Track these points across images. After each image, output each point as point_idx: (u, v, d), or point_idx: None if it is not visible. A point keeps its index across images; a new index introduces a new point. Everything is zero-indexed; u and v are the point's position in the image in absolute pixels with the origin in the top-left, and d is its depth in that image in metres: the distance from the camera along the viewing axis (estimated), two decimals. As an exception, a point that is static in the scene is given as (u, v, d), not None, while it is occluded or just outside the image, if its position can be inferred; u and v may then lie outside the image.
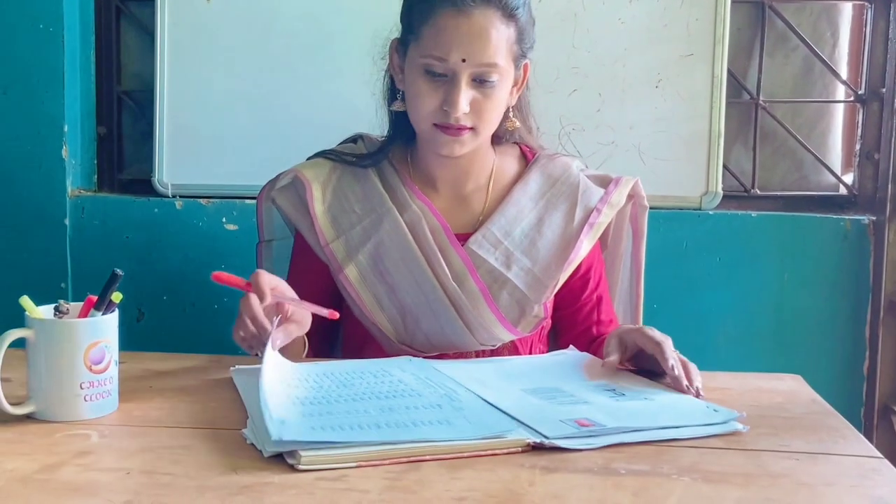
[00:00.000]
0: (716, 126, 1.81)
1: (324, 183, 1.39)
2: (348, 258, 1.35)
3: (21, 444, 0.92)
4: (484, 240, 1.36)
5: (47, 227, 1.86)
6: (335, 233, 1.37)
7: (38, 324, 0.99)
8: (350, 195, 1.39)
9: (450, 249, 1.34)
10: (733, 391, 1.16)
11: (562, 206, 1.40)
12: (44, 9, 1.81)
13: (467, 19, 1.25)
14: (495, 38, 1.25)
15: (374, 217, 1.36)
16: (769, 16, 1.85)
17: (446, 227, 1.35)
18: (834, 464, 0.91)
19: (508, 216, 1.37)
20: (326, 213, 1.37)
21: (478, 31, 1.25)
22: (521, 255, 1.36)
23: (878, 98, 1.84)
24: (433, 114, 1.29)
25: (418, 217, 1.35)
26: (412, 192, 1.38)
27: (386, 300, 1.35)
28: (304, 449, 0.86)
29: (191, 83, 1.87)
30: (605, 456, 0.91)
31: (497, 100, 1.30)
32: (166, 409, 1.04)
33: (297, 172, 1.40)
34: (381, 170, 1.40)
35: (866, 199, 1.86)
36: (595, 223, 1.38)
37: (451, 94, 1.26)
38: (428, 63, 1.27)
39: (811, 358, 1.82)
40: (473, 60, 1.25)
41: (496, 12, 1.26)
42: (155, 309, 1.86)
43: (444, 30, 1.25)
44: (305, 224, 1.38)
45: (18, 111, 1.84)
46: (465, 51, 1.25)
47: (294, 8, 1.85)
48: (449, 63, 1.25)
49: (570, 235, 1.37)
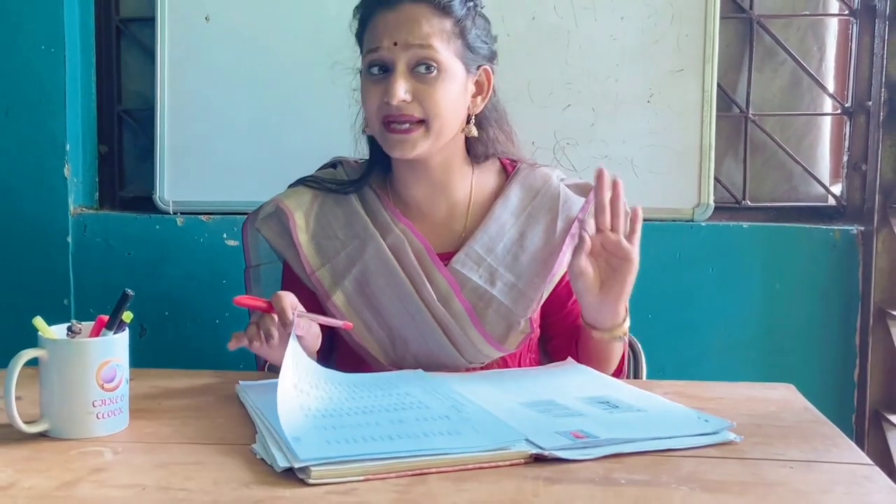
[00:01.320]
0: (707, 139, 1.85)
1: (306, 211, 1.40)
2: (335, 285, 1.36)
3: (37, 462, 0.94)
4: (467, 258, 1.36)
5: (50, 245, 1.88)
6: (320, 261, 1.38)
7: (51, 344, 1.02)
8: (333, 221, 1.40)
9: (434, 271, 1.35)
10: (727, 401, 1.18)
11: (543, 218, 1.40)
12: (45, 30, 1.85)
13: (395, 12, 1.30)
14: (426, 25, 1.30)
15: (357, 243, 1.37)
16: (757, 31, 1.89)
17: (429, 248, 1.36)
18: (828, 472, 0.94)
19: (490, 233, 1.38)
20: (311, 241, 1.38)
21: (405, 18, 1.30)
22: (504, 270, 1.36)
23: (865, 110, 1.87)
24: (379, 109, 1.31)
25: (401, 240, 1.36)
26: (394, 215, 1.39)
27: (374, 324, 1.36)
28: (316, 466, 0.88)
29: (191, 101, 1.90)
30: (606, 466, 0.93)
31: (445, 91, 1.30)
32: (176, 425, 1.07)
33: (278, 202, 1.40)
34: (362, 195, 1.41)
35: (854, 210, 1.90)
36: (577, 234, 1.38)
37: (388, 83, 1.29)
38: (369, 60, 1.32)
39: (803, 366, 1.85)
40: (404, 41, 1.29)
41: (427, 7, 1.30)
42: (157, 325, 1.89)
43: (377, 25, 1.32)
44: (291, 253, 1.39)
45: (21, 130, 1.87)
46: (395, 35, 1.29)
47: (292, 26, 1.88)
48: (382, 50, 1.29)
49: (552, 248, 1.38)
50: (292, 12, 1.88)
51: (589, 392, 1.17)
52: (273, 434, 0.98)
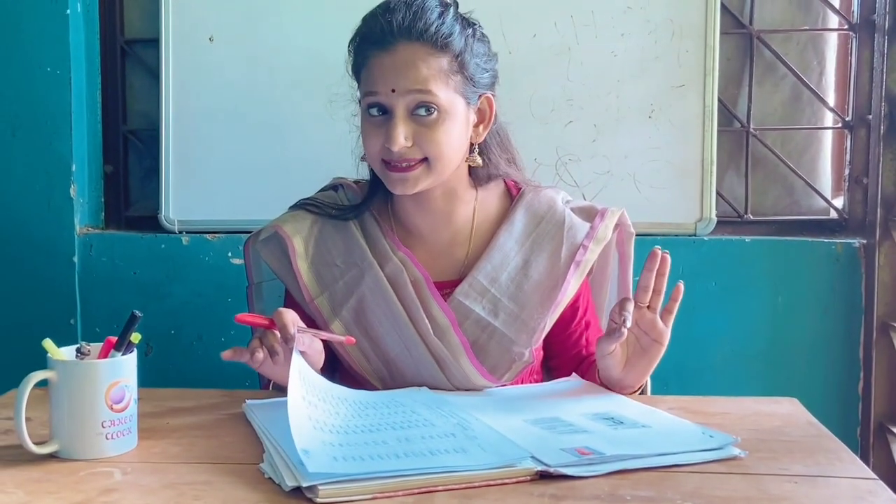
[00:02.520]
0: (708, 154, 1.86)
1: (305, 237, 1.38)
2: (333, 314, 1.35)
3: (48, 483, 0.95)
4: (471, 289, 1.34)
5: (56, 265, 1.89)
6: (319, 288, 1.36)
7: (60, 365, 1.03)
8: (332, 248, 1.38)
9: (431, 302, 1.32)
10: (732, 415, 1.19)
11: (547, 246, 1.38)
12: (51, 52, 1.86)
13: (391, 55, 1.27)
14: (423, 68, 1.27)
15: (355, 272, 1.36)
16: (757, 46, 1.91)
17: (427, 278, 1.34)
18: (832, 486, 0.94)
19: (494, 262, 1.36)
20: (311, 268, 1.37)
21: (402, 62, 1.27)
22: (507, 301, 1.34)
23: (865, 124, 1.89)
24: (379, 152, 1.29)
25: (399, 269, 1.34)
26: (393, 244, 1.37)
27: (371, 354, 1.35)
28: (323, 485, 0.89)
29: (195, 121, 1.91)
30: (611, 483, 0.94)
31: (445, 132, 1.28)
32: (184, 444, 1.07)
33: (277, 227, 1.39)
34: (361, 221, 1.40)
35: (856, 223, 1.91)
36: (581, 261, 1.36)
37: (388, 128, 1.27)
38: (367, 102, 1.30)
39: (806, 379, 1.86)
40: (402, 88, 1.26)
41: (423, 46, 1.27)
42: (163, 343, 1.89)
43: (373, 67, 1.29)
44: (290, 280, 1.38)
45: (27, 152, 1.88)
46: (393, 81, 1.27)
47: (295, 45, 1.89)
48: (379, 95, 1.28)
49: (556, 276, 1.35)
50: (295, 32, 1.89)
51: (593, 408, 1.18)
52: (281, 453, 0.99)
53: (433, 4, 1.30)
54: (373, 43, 1.29)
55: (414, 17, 1.27)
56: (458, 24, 1.30)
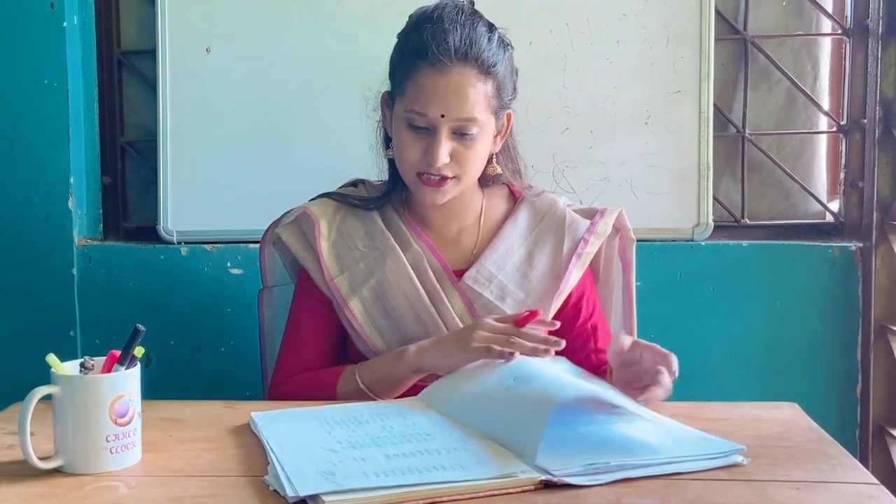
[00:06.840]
0: (704, 159, 1.87)
1: (329, 221, 1.45)
2: (352, 293, 1.41)
3: (53, 499, 0.95)
4: (479, 275, 1.42)
5: (55, 277, 1.89)
6: (339, 269, 1.42)
7: (64, 380, 1.03)
8: (353, 234, 1.45)
9: (451, 289, 1.41)
10: (733, 421, 1.20)
11: (550, 240, 1.46)
12: (48, 65, 1.86)
13: (445, 78, 1.32)
14: (472, 94, 1.33)
15: (376, 254, 1.43)
16: (752, 52, 1.92)
17: (446, 266, 1.42)
18: (834, 492, 0.95)
19: (500, 252, 1.44)
20: (331, 249, 1.43)
21: (455, 88, 1.32)
22: (514, 287, 1.42)
23: (860, 128, 1.90)
24: (416, 164, 1.36)
25: (420, 256, 1.42)
26: (414, 233, 1.45)
27: (389, 334, 1.40)
28: (328, 495, 0.89)
29: (192, 131, 1.92)
30: (615, 491, 0.94)
31: (477, 150, 1.37)
32: (188, 457, 1.07)
33: (305, 209, 1.46)
34: (383, 211, 1.47)
35: (852, 226, 1.92)
36: (583, 253, 1.44)
37: (431, 146, 1.34)
38: (410, 117, 1.35)
39: (805, 383, 1.87)
40: (452, 115, 1.33)
41: (473, 70, 1.32)
42: (163, 354, 1.89)
43: (424, 87, 1.32)
44: (311, 259, 1.44)
45: (25, 164, 1.88)
46: (444, 107, 1.32)
47: (292, 56, 1.90)
48: (428, 117, 1.33)
49: (559, 267, 1.43)
50: (292, 43, 1.90)
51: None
52: (284, 465, 0.98)
53: (483, 27, 1.35)
54: (425, 60, 1.32)
55: (470, 42, 1.32)
56: (502, 50, 1.36)
